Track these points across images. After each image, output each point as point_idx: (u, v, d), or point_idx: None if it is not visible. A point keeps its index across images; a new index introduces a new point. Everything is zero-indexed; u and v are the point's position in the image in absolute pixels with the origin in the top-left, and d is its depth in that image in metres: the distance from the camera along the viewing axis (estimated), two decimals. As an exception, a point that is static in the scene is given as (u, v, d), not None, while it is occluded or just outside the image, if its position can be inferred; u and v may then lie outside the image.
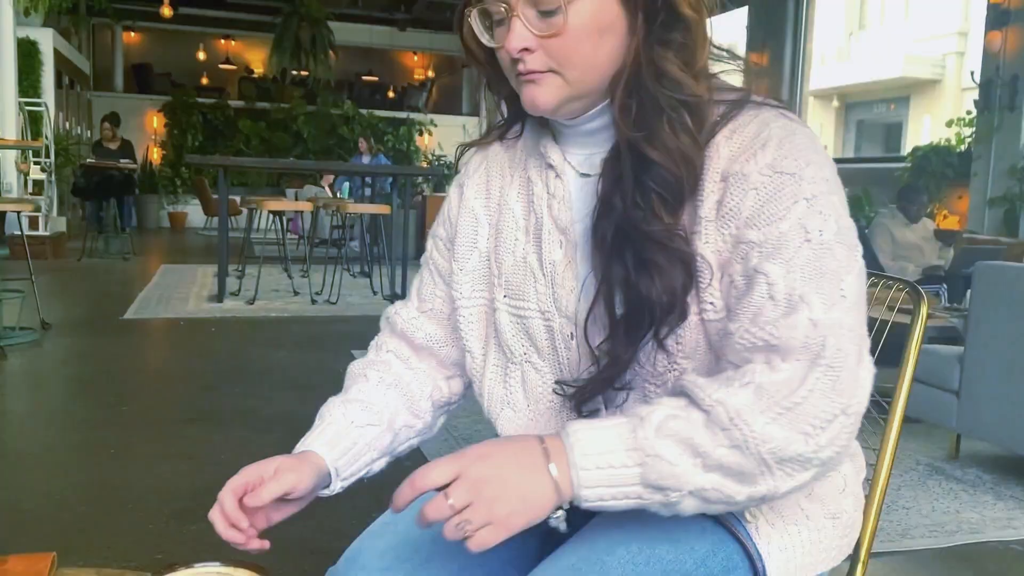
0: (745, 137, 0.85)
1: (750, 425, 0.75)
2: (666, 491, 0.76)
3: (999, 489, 2.93)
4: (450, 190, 1.10)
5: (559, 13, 0.82)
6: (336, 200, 8.36)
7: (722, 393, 0.76)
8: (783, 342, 0.77)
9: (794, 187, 0.81)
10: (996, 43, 6.53)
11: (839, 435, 0.76)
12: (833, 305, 0.78)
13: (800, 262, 0.79)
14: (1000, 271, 3.05)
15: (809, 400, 0.75)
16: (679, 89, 0.84)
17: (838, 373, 0.76)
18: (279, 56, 13.08)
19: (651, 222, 0.85)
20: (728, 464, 0.75)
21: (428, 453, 2.99)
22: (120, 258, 8.68)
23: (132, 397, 3.76)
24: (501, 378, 1.02)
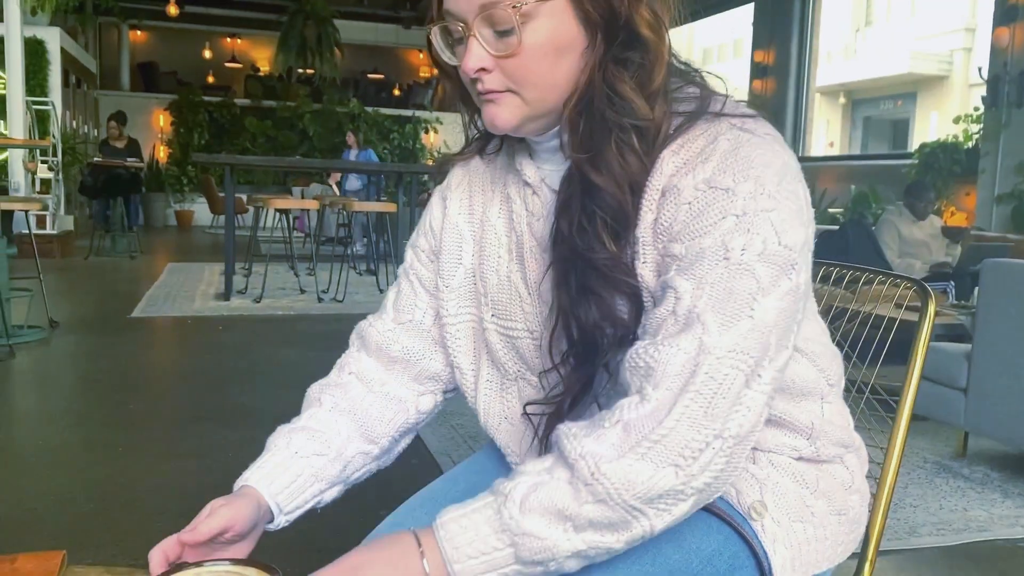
0: (691, 152, 0.82)
1: (609, 478, 0.73)
2: (544, 563, 0.76)
3: (1007, 487, 2.93)
4: (432, 200, 1.09)
5: (514, 33, 0.81)
6: (342, 198, 8.37)
7: (588, 443, 0.75)
8: (660, 366, 0.75)
9: (725, 202, 0.78)
10: (1004, 39, 6.50)
11: (713, 460, 0.74)
12: (730, 327, 0.75)
13: (711, 279, 0.77)
14: (1008, 268, 3.04)
15: (676, 431, 0.74)
16: (630, 110, 0.82)
17: (709, 399, 0.74)
18: (285, 54, 13.10)
19: (595, 249, 0.84)
20: (597, 519, 0.75)
21: (433, 450, 3.00)
22: (127, 256, 8.71)
23: (140, 395, 3.77)
24: (497, 393, 1.02)
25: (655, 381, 0.75)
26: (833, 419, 0.96)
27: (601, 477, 0.74)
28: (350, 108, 14.09)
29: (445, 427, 3.27)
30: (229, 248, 6.35)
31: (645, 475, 0.73)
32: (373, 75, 17.10)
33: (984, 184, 6.76)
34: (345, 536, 1.04)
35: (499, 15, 0.81)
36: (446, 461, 2.89)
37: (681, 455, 0.73)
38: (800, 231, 0.80)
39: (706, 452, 0.74)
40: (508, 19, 0.81)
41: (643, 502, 0.74)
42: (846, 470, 0.98)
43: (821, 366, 0.93)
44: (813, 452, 0.94)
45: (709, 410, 0.74)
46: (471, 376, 1.04)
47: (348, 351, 1.10)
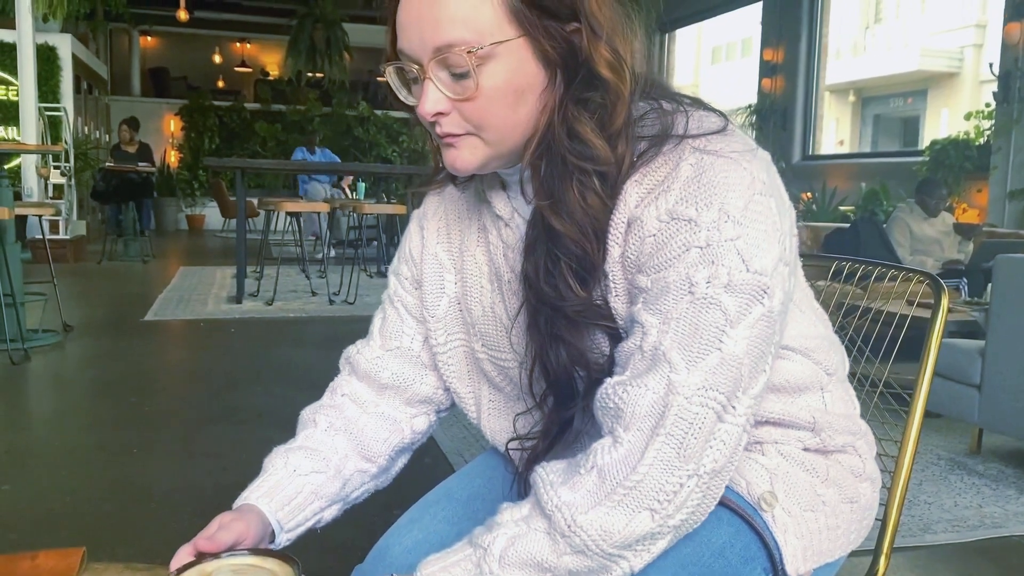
0: (654, 181, 0.80)
1: (586, 529, 0.74)
2: None
3: (1021, 483, 2.91)
4: (410, 227, 1.08)
5: (470, 76, 0.79)
6: (352, 201, 8.39)
7: (564, 492, 0.76)
8: (629, 407, 0.75)
9: (688, 234, 0.77)
10: (1015, 35, 6.47)
11: (689, 498, 0.75)
12: (698, 363, 0.75)
13: (676, 315, 0.76)
14: (1021, 264, 3.03)
15: (650, 475, 0.74)
16: (590, 154, 0.81)
17: (680, 440, 0.74)
18: (294, 58, 13.13)
19: (563, 295, 0.83)
20: (577, 569, 0.76)
21: (446, 449, 3.00)
22: (139, 261, 8.75)
23: (154, 397, 3.80)
24: (502, 413, 1.03)
25: (625, 423, 0.76)
26: (836, 408, 0.96)
27: (578, 529, 0.75)
28: (359, 111, 14.12)
29: (457, 427, 3.27)
30: (241, 251, 6.38)
31: (621, 523, 0.74)
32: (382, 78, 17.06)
33: (996, 180, 6.72)
34: (366, 534, 1.04)
35: (454, 58, 0.79)
36: (458, 460, 2.90)
37: (656, 499, 0.74)
38: (772, 250, 0.77)
39: (681, 492, 0.75)
40: (463, 63, 0.78)
41: (621, 548, 0.75)
42: (857, 457, 0.97)
43: (817, 359, 0.93)
44: (819, 443, 0.94)
45: (682, 451, 0.74)
46: (471, 400, 1.04)
47: (339, 375, 1.10)
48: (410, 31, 0.80)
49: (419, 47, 0.80)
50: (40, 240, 5.11)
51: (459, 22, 0.78)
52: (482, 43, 0.78)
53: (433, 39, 0.79)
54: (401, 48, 0.82)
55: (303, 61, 13.14)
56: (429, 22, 0.79)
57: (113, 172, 8.89)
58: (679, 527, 0.77)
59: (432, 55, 0.79)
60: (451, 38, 0.78)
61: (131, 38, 15.23)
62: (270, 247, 7.48)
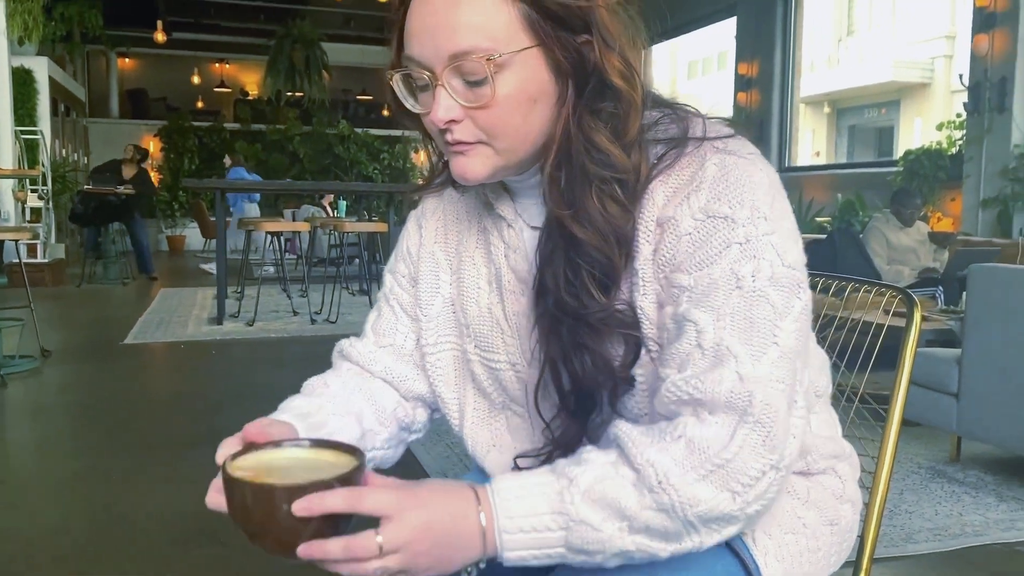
0: (680, 180, 0.82)
1: (678, 490, 0.74)
2: (590, 554, 0.76)
3: (1001, 490, 2.94)
4: (408, 226, 1.07)
5: (486, 83, 0.79)
6: (333, 219, 8.38)
7: (653, 452, 0.75)
8: (708, 396, 0.75)
9: (726, 231, 0.79)
10: (983, 46, 6.57)
11: (767, 490, 0.76)
12: (762, 357, 0.76)
13: (729, 310, 0.77)
14: (994, 273, 3.07)
15: (739, 457, 0.74)
16: (609, 162, 0.81)
17: (768, 429, 0.75)
18: (273, 78, 13.15)
19: (585, 304, 0.83)
20: (654, 526, 0.75)
21: (429, 470, 3.00)
22: (119, 283, 8.69)
23: (134, 422, 3.76)
24: (485, 422, 1.02)
25: (709, 408, 0.76)
26: (821, 431, 0.97)
27: (669, 488, 0.74)
28: (339, 130, 14.13)
29: (440, 445, 3.27)
30: (221, 272, 6.35)
31: (708, 495, 0.74)
32: (362, 96, 17.17)
33: (969, 189, 6.81)
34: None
35: (470, 66, 0.79)
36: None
37: (739, 482, 0.74)
38: (798, 245, 0.81)
39: (762, 481, 0.75)
40: (480, 70, 0.78)
41: (701, 520, 0.75)
42: (837, 479, 0.98)
43: (811, 378, 0.93)
44: (804, 466, 0.94)
45: (767, 440, 0.74)
46: (455, 405, 1.03)
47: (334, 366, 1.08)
48: (423, 38, 0.80)
49: (432, 54, 0.80)
50: (17, 264, 5.06)
51: (476, 30, 0.78)
52: (499, 51, 0.78)
53: (449, 46, 0.79)
54: (411, 55, 0.82)
55: (282, 81, 13.16)
56: (444, 29, 0.78)
57: (91, 194, 8.84)
58: (752, 517, 0.77)
59: (447, 62, 0.79)
60: (468, 45, 0.78)
61: (109, 60, 15.20)
62: (251, 267, 7.45)
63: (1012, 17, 6.37)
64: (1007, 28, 6.42)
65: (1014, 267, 3.13)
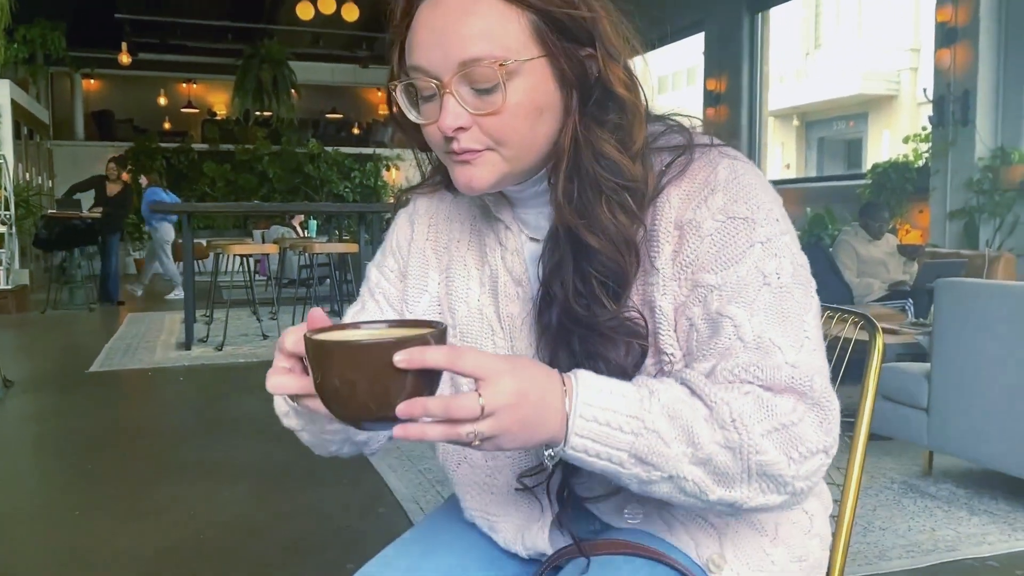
0: (694, 184, 0.84)
1: (749, 431, 0.74)
2: (649, 467, 0.75)
3: (972, 504, 2.95)
4: (398, 221, 1.07)
5: (497, 91, 0.80)
6: (303, 240, 8.31)
7: (725, 394, 0.76)
8: (769, 380, 0.77)
9: (748, 231, 0.82)
10: (946, 60, 6.66)
11: (817, 471, 0.77)
12: (801, 347, 0.79)
13: (762, 305, 0.79)
14: (960, 288, 3.09)
15: (801, 425, 0.76)
16: (618, 171, 0.83)
17: (826, 412, 0.77)
18: (241, 98, 13.07)
19: (595, 312, 0.84)
20: (716, 462, 0.75)
21: (400, 496, 2.94)
22: (86, 308, 8.56)
23: (98, 455, 3.68)
24: None
25: (767, 386, 0.78)
26: None
27: (741, 428, 0.75)
28: (309, 149, 14.07)
29: (412, 472, 3.22)
30: (189, 296, 6.27)
31: (771, 450, 0.75)
32: (332, 115, 17.12)
33: (936, 201, 6.89)
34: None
35: (480, 72, 0.80)
36: (414, 508, 2.85)
37: (797, 449, 0.76)
38: (799, 245, 0.86)
39: (814, 459, 0.77)
40: (490, 76, 0.80)
41: (759, 471, 0.75)
42: (804, 514, 0.97)
43: None
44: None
45: (823, 423, 0.77)
46: None
47: None
48: (430, 47, 0.81)
49: (441, 62, 0.80)
50: (-22, 293, 4.96)
51: (486, 37, 0.79)
52: (510, 58, 0.80)
53: (459, 54, 0.79)
54: (417, 64, 0.82)
55: (250, 100, 13.09)
56: (454, 37, 0.79)
57: (56, 219, 8.71)
58: (795, 496, 0.78)
59: (456, 69, 0.80)
60: (478, 52, 0.79)
61: (73, 82, 15.02)
62: (221, 290, 7.37)
63: (973, 32, 6.47)
64: (968, 42, 6.52)
65: (980, 281, 3.15)
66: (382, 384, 0.68)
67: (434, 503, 2.84)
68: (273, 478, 3.23)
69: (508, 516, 0.98)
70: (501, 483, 0.97)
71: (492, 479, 0.98)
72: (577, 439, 0.73)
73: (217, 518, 2.86)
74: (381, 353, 0.67)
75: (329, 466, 3.34)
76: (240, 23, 14.35)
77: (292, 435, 1.02)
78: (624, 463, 0.74)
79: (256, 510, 2.94)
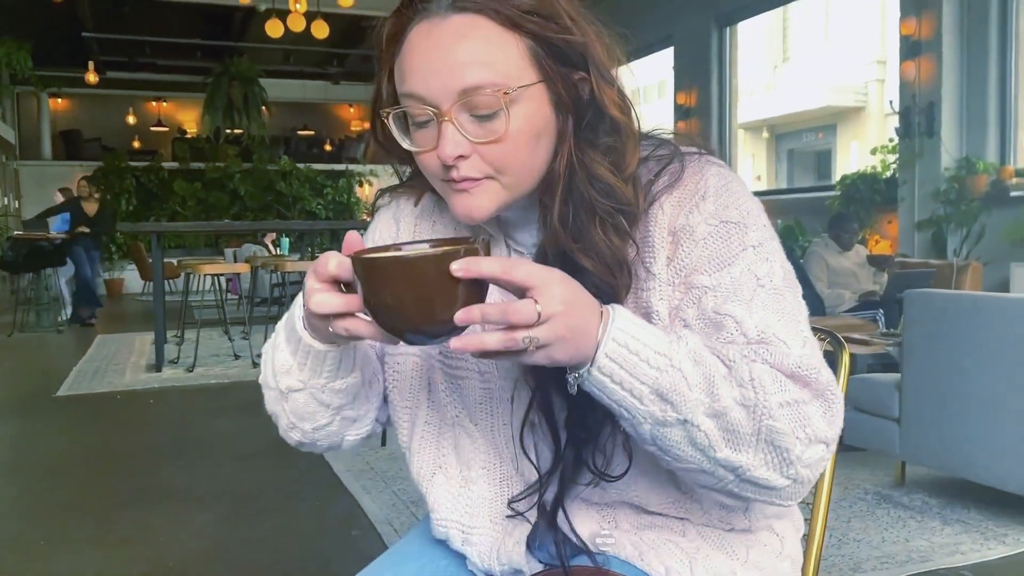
0: (685, 191, 0.86)
1: (766, 393, 0.75)
2: (667, 406, 0.74)
3: (945, 513, 2.96)
4: (381, 216, 1.05)
5: (496, 118, 0.80)
6: (275, 259, 8.25)
7: (743, 359, 0.77)
8: (777, 365, 0.78)
9: (740, 235, 0.83)
10: (911, 72, 6.76)
11: (818, 462, 0.78)
12: (803, 344, 0.80)
13: (759, 305, 0.81)
14: (929, 298, 3.12)
15: (810, 407, 0.77)
16: (612, 194, 0.83)
17: (830, 404, 0.78)
18: (211, 116, 12.97)
19: None
20: (731, 418, 0.75)
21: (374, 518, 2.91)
22: (54, 331, 8.42)
23: (65, 482, 3.60)
24: (434, 439, 0.98)
25: (776, 367, 0.78)
26: None
27: (759, 388, 0.75)
28: (281, 166, 13.99)
29: (386, 493, 3.19)
30: (160, 317, 6.19)
31: (783, 418, 0.75)
32: (303, 132, 17.05)
33: (904, 212, 6.97)
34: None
35: (481, 100, 0.79)
36: (388, 530, 2.81)
37: (804, 431, 0.76)
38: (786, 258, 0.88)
39: (816, 448, 0.77)
40: (492, 104, 0.79)
41: (768, 438, 0.75)
42: (775, 536, 0.97)
43: None
44: (746, 524, 0.94)
45: (827, 414, 0.78)
46: (407, 415, 1.00)
47: None
48: (426, 74, 0.80)
49: (439, 89, 0.79)
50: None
51: (487, 64, 0.79)
52: (511, 85, 0.79)
53: (458, 82, 0.79)
54: (411, 91, 0.81)
55: (221, 118, 13.00)
56: (454, 64, 0.79)
57: (22, 241, 8.58)
58: (795, 482, 0.78)
59: (456, 97, 0.79)
60: (479, 80, 0.78)
61: (40, 101, 14.85)
62: (192, 310, 7.28)
63: (936, 45, 6.57)
64: (932, 55, 6.62)
65: (948, 292, 3.18)
66: (438, 294, 0.69)
67: (409, 524, 2.81)
68: (244, 502, 3.18)
69: (483, 528, 0.95)
70: (475, 494, 0.96)
71: (466, 489, 0.96)
72: (606, 360, 0.73)
73: (187, 544, 2.81)
74: (437, 264, 0.69)
75: (302, 488, 3.30)
76: (210, 41, 14.26)
77: (265, 456, 0.99)
78: (644, 397, 0.74)
79: (227, 535, 2.89)
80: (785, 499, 0.80)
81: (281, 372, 0.91)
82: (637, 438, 0.78)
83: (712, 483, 0.80)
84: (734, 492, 0.80)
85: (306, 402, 0.92)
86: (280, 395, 0.93)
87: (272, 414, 0.97)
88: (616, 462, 0.88)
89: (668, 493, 0.90)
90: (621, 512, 0.92)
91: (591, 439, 0.86)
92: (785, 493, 0.79)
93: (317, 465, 3.53)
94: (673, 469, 0.81)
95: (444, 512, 0.98)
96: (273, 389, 0.94)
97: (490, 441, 0.95)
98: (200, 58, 14.73)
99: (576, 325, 0.71)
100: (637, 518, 0.92)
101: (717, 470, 0.77)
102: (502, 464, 0.94)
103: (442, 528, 0.98)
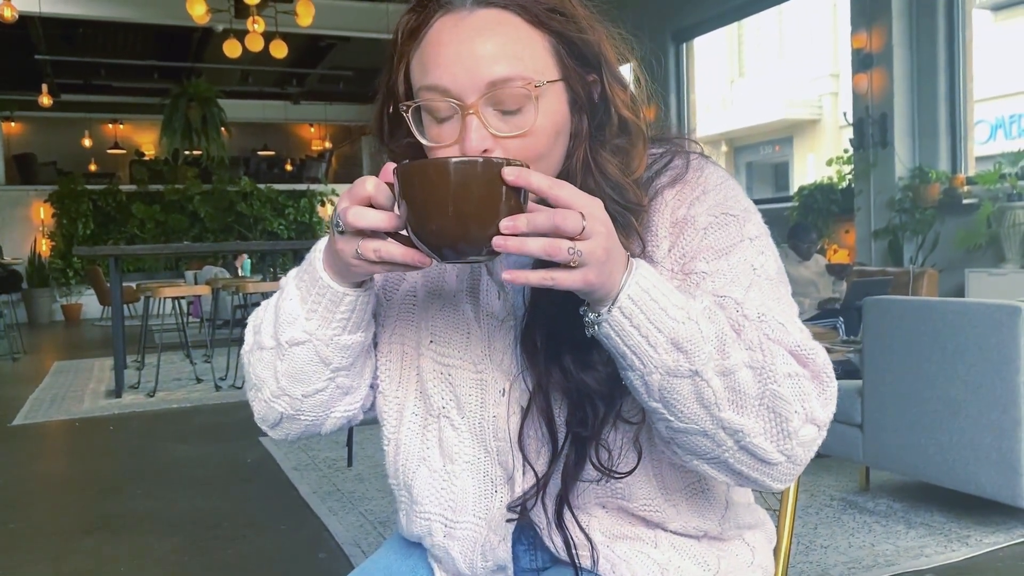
0: (687, 185, 0.88)
1: (773, 358, 0.77)
2: (681, 356, 0.75)
3: (909, 517, 3.00)
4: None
5: (522, 112, 0.80)
6: (236, 280, 8.15)
7: (751, 326, 0.80)
8: (778, 339, 0.79)
9: (738, 228, 0.85)
10: (863, 85, 6.90)
11: (812, 443, 0.79)
12: (800, 330, 0.81)
13: (757, 291, 0.82)
14: (887, 305, 3.16)
15: (809, 384, 0.78)
16: (622, 194, 0.84)
17: (825, 386, 0.79)
18: (169, 137, 12.81)
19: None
20: (738, 378, 0.75)
21: (341, 540, 2.87)
22: (9, 359, 8.23)
23: (22, 512, 3.51)
24: (419, 430, 0.97)
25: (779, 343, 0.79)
26: (738, 497, 0.97)
27: (768, 350, 0.77)
28: (241, 186, 13.85)
29: (353, 514, 3.15)
30: (119, 342, 6.07)
31: (787, 386, 0.77)
32: (264, 152, 16.94)
33: (861, 221, 7.09)
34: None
35: (509, 93, 0.79)
36: (355, 552, 2.78)
37: (803, 404, 0.77)
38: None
39: (810, 428, 0.78)
40: (519, 98, 0.79)
41: (771, 403, 0.76)
42: (746, 546, 0.97)
43: None
44: (719, 532, 0.94)
45: (821, 395, 0.79)
46: (395, 405, 0.98)
47: None
48: (453, 65, 0.79)
49: (466, 82, 0.78)
50: None
51: (515, 57, 0.79)
52: (537, 80, 0.79)
53: (488, 74, 0.78)
54: (435, 84, 0.80)
55: (179, 139, 12.83)
56: (482, 57, 0.78)
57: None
58: (791, 460, 0.79)
59: (484, 90, 0.78)
60: (508, 72, 0.78)
61: (-8, 125, 14.58)
62: (153, 334, 7.16)
63: (887, 57, 6.72)
64: (883, 67, 6.76)
65: (905, 298, 3.23)
66: (485, 202, 0.69)
67: (376, 545, 2.78)
68: (208, 527, 3.12)
69: (466, 523, 0.94)
70: (459, 488, 0.94)
71: (450, 483, 0.94)
72: (628, 303, 0.73)
73: (151, 574, 2.74)
74: (486, 170, 0.69)
75: (267, 512, 3.24)
76: (166, 62, 14.13)
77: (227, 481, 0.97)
78: (659, 345, 0.74)
79: (192, 563, 2.83)
80: (776, 479, 0.80)
81: (285, 323, 0.87)
82: (643, 392, 0.78)
83: (709, 449, 0.79)
84: (729, 463, 0.79)
85: (307, 358, 0.88)
86: (275, 353, 0.89)
87: (256, 384, 0.93)
88: (624, 459, 0.87)
89: (650, 494, 0.90)
90: (594, 521, 0.91)
91: (593, 436, 0.86)
92: (778, 472, 0.79)
93: (283, 488, 3.48)
94: (672, 436, 0.80)
95: (427, 505, 0.96)
96: (267, 348, 0.90)
97: (476, 435, 0.93)
98: (157, 79, 14.58)
99: (613, 250, 0.72)
100: (611, 527, 0.91)
101: (718, 433, 0.77)
102: (487, 458, 0.93)
103: (424, 521, 0.96)
